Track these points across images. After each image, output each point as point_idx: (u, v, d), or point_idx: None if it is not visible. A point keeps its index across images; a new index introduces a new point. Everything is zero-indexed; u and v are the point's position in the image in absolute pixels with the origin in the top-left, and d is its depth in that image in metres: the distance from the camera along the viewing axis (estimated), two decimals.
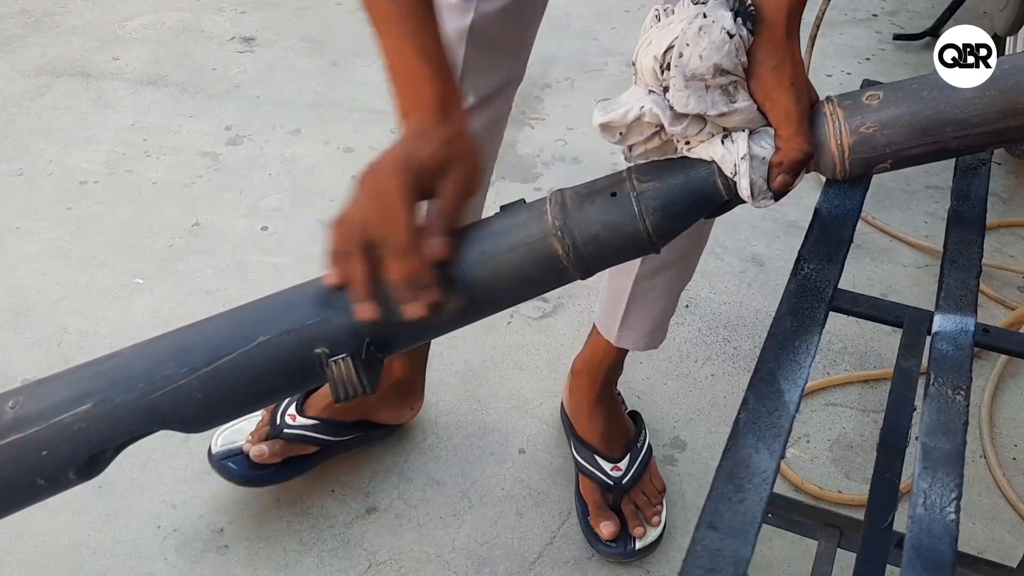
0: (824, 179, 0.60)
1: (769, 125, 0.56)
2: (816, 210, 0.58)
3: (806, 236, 0.57)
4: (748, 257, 1.52)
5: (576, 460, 1.15)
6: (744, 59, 0.55)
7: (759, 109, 0.56)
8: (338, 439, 1.16)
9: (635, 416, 1.20)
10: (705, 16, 0.54)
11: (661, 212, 0.54)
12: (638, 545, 1.09)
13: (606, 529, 1.08)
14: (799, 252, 0.55)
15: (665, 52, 0.55)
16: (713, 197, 0.55)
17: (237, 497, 1.17)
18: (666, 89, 0.56)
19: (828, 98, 0.58)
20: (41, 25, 2.34)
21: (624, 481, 1.11)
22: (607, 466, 1.12)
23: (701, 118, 0.55)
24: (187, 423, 0.56)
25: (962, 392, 0.46)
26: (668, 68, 0.55)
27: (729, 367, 1.33)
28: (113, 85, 2.07)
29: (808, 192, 1.63)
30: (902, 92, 0.56)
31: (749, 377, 0.46)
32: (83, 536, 1.13)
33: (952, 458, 0.42)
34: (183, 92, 2.04)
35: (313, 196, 1.71)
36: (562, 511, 1.15)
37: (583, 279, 0.57)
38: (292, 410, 1.14)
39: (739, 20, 0.54)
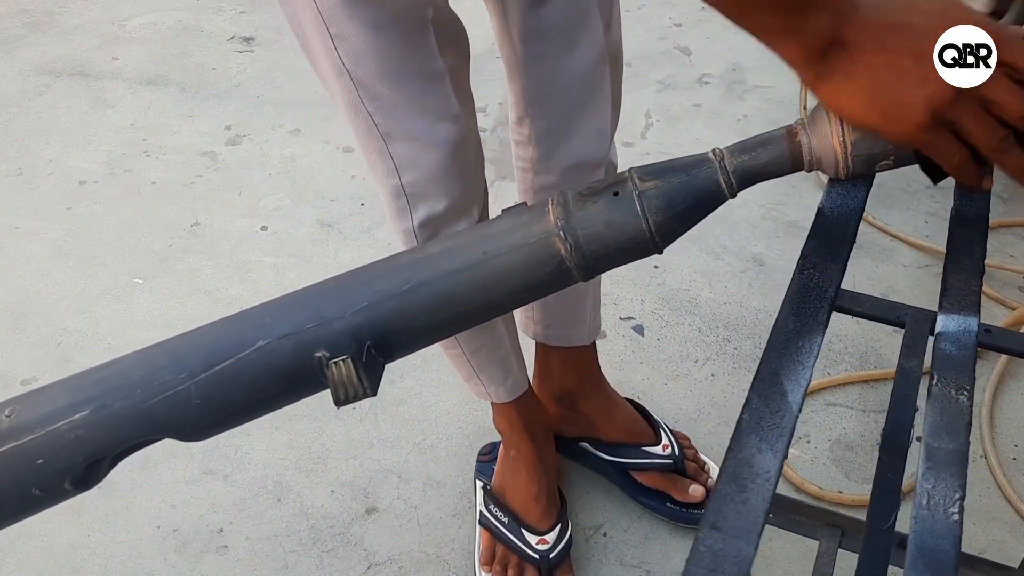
0: (827, 179, 0.60)
1: None
2: (819, 210, 0.58)
3: (809, 236, 0.56)
4: (748, 257, 1.52)
5: (623, 465, 1.14)
6: None
7: None
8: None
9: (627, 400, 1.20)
10: None
11: (664, 211, 0.53)
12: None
13: (698, 491, 1.10)
14: (802, 252, 0.55)
15: None
16: (716, 196, 0.55)
17: (237, 497, 1.17)
18: None
19: None
20: (41, 25, 2.34)
21: (677, 454, 1.13)
22: (658, 450, 1.13)
23: None
24: (185, 431, 0.55)
25: (965, 392, 0.46)
26: None
27: (729, 367, 1.33)
28: (113, 85, 2.07)
29: (809, 192, 1.63)
30: None
31: (749, 377, 0.46)
32: (83, 536, 1.12)
33: (956, 458, 0.42)
34: (182, 92, 2.04)
35: (313, 196, 1.71)
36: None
37: (585, 281, 0.56)
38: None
39: None
